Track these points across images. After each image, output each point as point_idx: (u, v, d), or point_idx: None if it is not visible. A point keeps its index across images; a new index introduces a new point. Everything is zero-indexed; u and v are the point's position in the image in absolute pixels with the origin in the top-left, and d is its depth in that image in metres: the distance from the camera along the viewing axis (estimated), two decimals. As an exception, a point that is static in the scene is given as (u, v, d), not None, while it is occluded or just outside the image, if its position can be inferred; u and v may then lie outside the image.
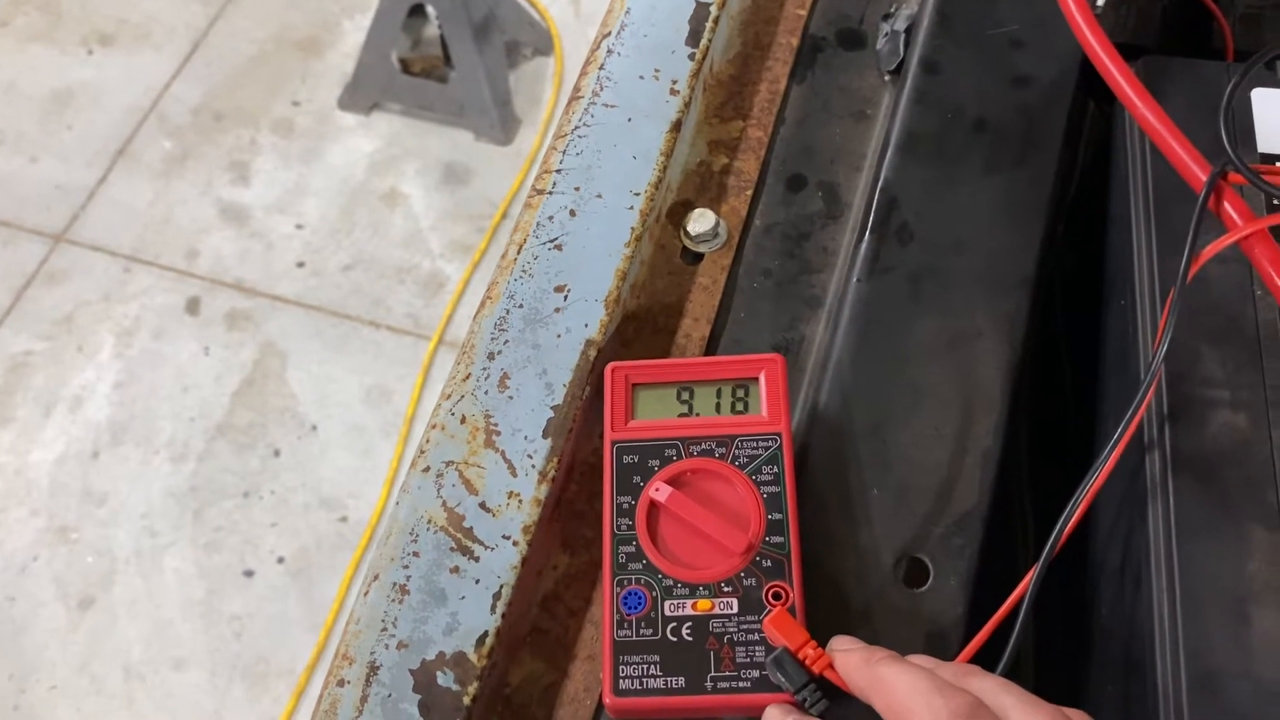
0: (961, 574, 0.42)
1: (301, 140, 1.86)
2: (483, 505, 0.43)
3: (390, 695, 0.39)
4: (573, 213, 0.49)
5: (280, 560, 1.49)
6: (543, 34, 1.97)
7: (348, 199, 1.80)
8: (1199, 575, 0.38)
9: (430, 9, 1.84)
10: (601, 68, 0.53)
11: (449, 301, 1.70)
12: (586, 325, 0.46)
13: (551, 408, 0.45)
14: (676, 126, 0.52)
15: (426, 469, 0.44)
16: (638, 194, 0.50)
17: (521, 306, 0.47)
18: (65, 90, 1.93)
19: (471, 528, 0.42)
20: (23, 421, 1.60)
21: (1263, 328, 0.43)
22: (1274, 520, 0.39)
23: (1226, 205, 0.40)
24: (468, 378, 0.45)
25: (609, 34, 0.55)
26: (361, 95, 1.88)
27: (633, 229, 0.49)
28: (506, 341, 0.46)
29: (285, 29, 1.99)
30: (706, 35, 0.54)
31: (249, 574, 1.47)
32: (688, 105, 0.53)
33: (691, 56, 0.54)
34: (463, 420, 0.44)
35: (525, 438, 0.44)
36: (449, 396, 0.45)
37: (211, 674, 1.40)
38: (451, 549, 0.42)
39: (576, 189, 0.50)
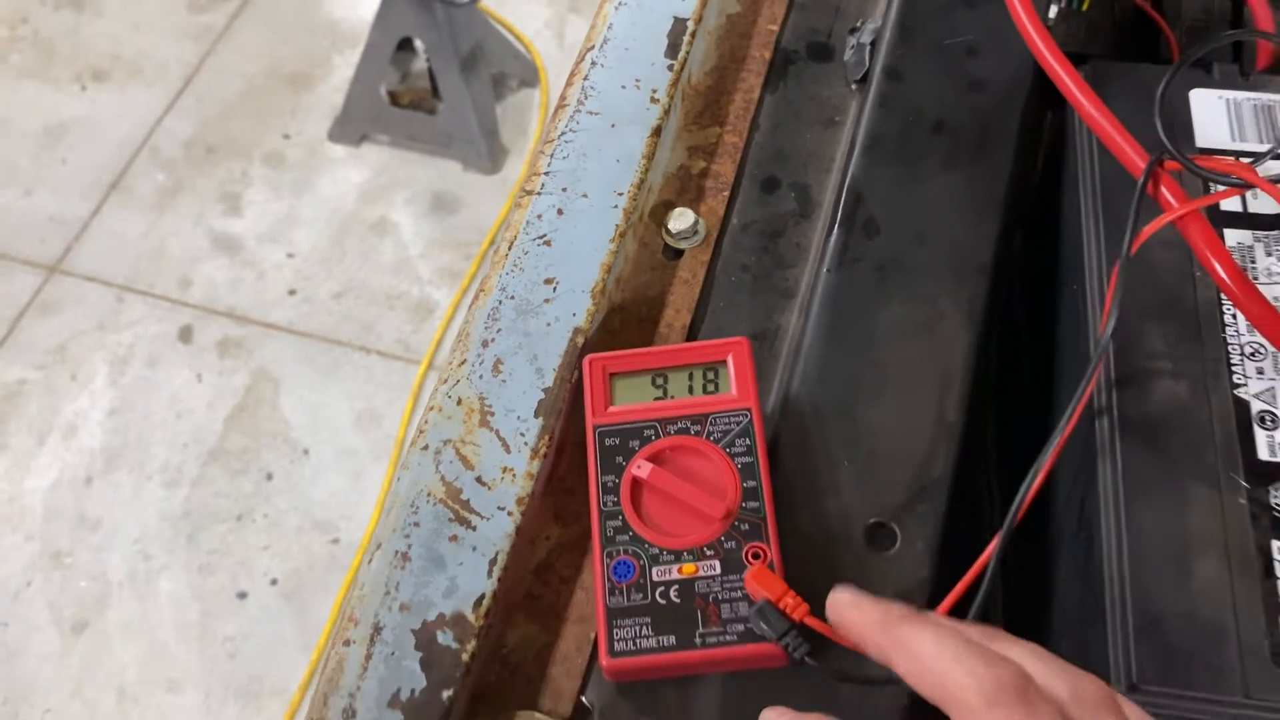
0: (927, 539, 0.45)
1: (292, 171, 1.90)
2: (479, 480, 0.45)
3: (393, 653, 0.42)
4: (560, 211, 0.52)
5: (273, 582, 1.50)
6: (528, 66, 2.01)
7: (338, 228, 1.84)
8: (1144, 529, 0.41)
9: (418, 43, 1.89)
10: (586, 78, 0.57)
11: (438, 326, 1.73)
12: (574, 314, 0.50)
13: (542, 390, 0.48)
14: (657, 132, 0.55)
15: (425, 447, 0.46)
16: (621, 194, 0.53)
17: (513, 298, 0.50)
18: (59, 125, 1.96)
19: (468, 500, 0.45)
20: (16, 449, 1.61)
21: (1201, 306, 0.46)
22: (1212, 479, 0.42)
23: (1163, 190, 0.43)
24: (463, 363, 0.48)
25: (593, 47, 0.58)
26: (351, 127, 1.92)
27: (617, 226, 0.52)
28: (499, 330, 0.49)
29: (276, 64, 2.03)
30: (684, 48, 0.58)
31: (242, 596, 1.49)
32: (667, 112, 0.56)
33: (670, 68, 0.57)
34: (459, 402, 0.47)
35: (518, 417, 0.47)
36: (445, 381, 0.48)
37: (205, 695, 1.42)
38: (450, 519, 0.44)
39: (564, 190, 0.53)
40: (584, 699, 0.43)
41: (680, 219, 0.54)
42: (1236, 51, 0.60)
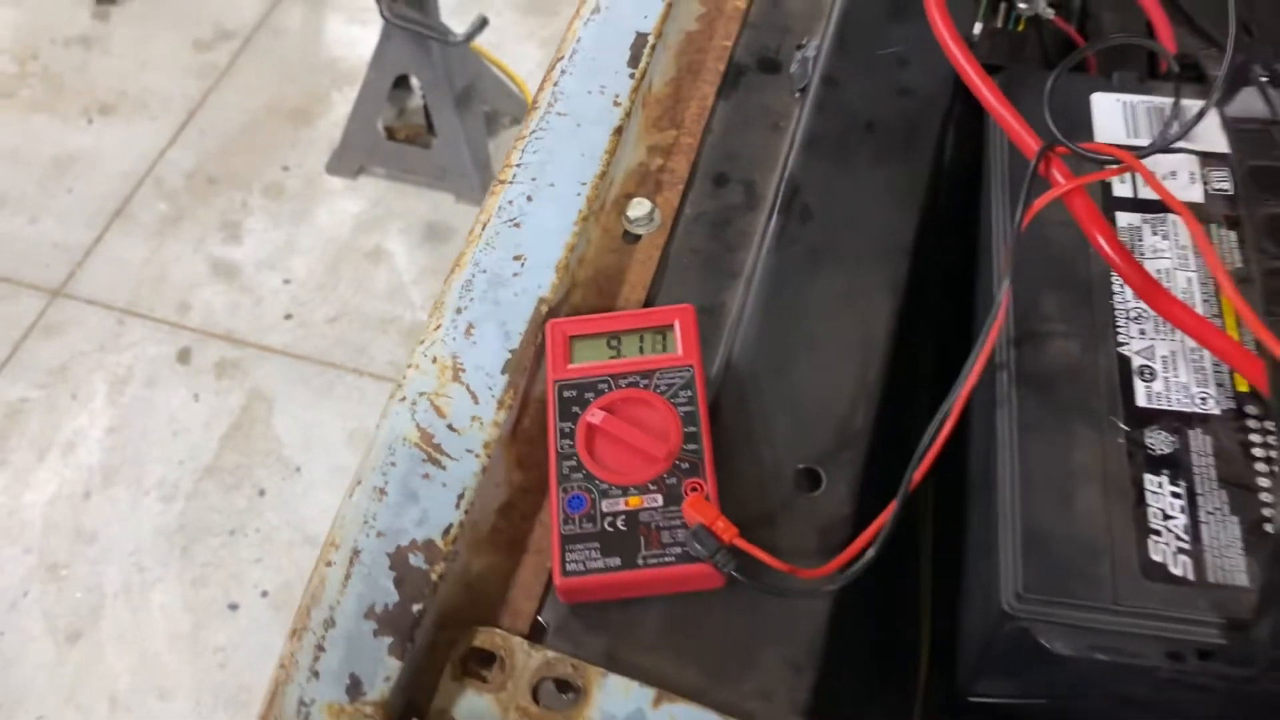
0: (849, 481, 0.51)
1: (291, 202, 1.97)
2: (450, 427, 0.51)
3: (370, 573, 0.47)
4: (530, 198, 0.59)
5: (264, 594, 1.55)
6: (520, 105, 2.09)
7: (334, 256, 1.90)
8: (1035, 465, 0.47)
9: (415, 81, 1.96)
10: (556, 84, 0.63)
11: (429, 350, 1.78)
12: (540, 286, 0.55)
13: (509, 351, 0.53)
14: (618, 131, 0.61)
15: (403, 399, 0.52)
16: (584, 184, 0.59)
17: (485, 272, 0.56)
18: (66, 156, 2.03)
19: (440, 444, 0.50)
20: (16, 465, 1.66)
21: (1094, 276, 0.52)
22: (1096, 422, 0.47)
23: (1054, 171, 0.50)
24: (438, 327, 0.54)
25: (563, 58, 0.65)
26: (349, 160, 1.99)
27: (580, 211, 0.58)
28: (472, 299, 0.55)
29: (277, 100, 2.11)
30: (645, 59, 0.64)
31: (234, 607, 1.53)
32: (628, 115, 0.62)
33: (632, 75, 0.64)
34: (434, 360, 0.53)
35: (486, 374, 0.53)
36: (422, 342, 0.54)
37: (196, 703, 1.45)
38: (423, 460, 0.50)
39: (533, 180, 0.59)
40: (539, 618, 0.49)
41: (637, 207, 0.60)
42: (1152, 63, 0.68)
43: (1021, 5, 0.70)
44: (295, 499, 1.63)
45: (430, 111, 1.92)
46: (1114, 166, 0.50)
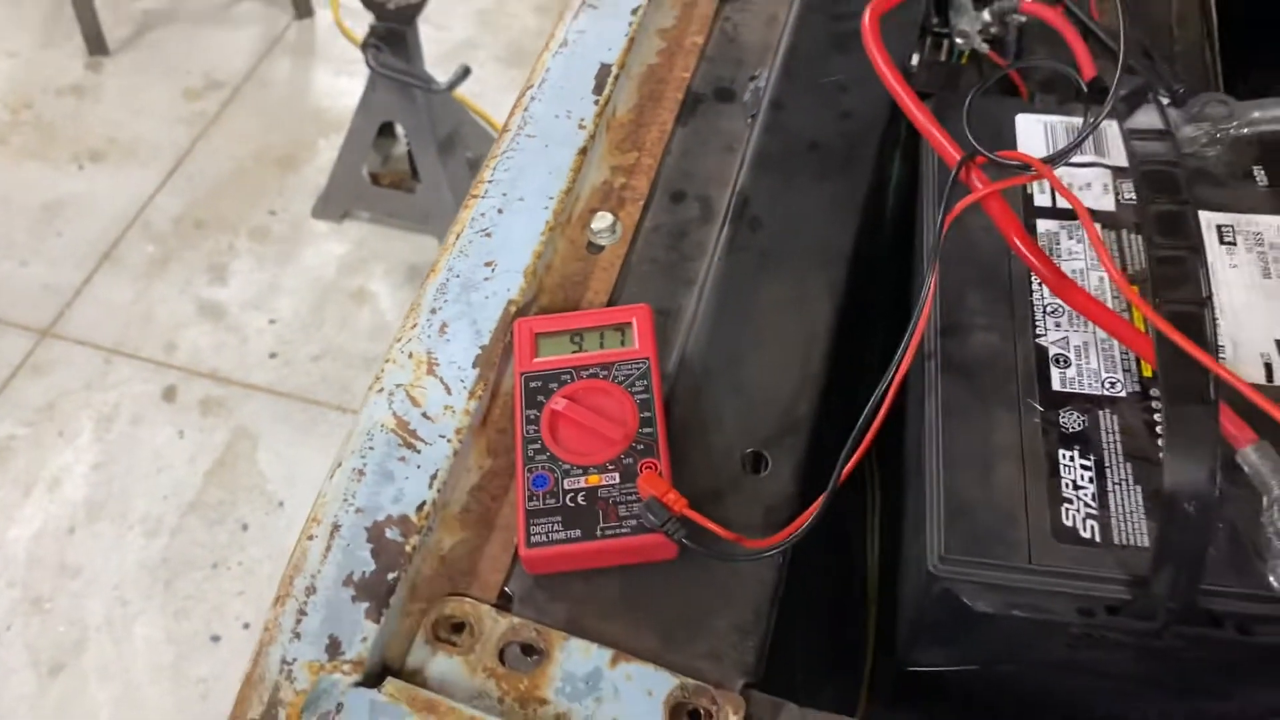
0: (793, 464, 0.55)
1: (277, 245, 2.02)
2: (424, 415, 0.55)
3: (349, 545, 0.51)
4: (500, 210, 0.63)
5: (246, 626, 1.57)
6: (501, 151, 2.15)
7: (319, 296, 1.94)
8: (958, 442, 0.51)
9: (399, 128, 2.02)
10: (525, 109, 0.68)
11: (411, 388, 1.82)
12: (509, 290, 0.60)
13: (480, 347, 0.58)
14: (583, 151, 0.66)
15: (381, 390, 0.56)
16: (551, 198, 0.64)
17: (459, 276, 0.60)
18: (56, 201, 2.08)
19: (415, 430, 0.54)
20: (1, 501, 1.68)
21: (1014, 275, 0.57)
22: (1014, 404, 0.52)
23: (973, 178, 0.55)
24: (414, 326, 0.59)
25: (532, 85, 0.70)
26: (334, 204, 2.05)
27: (547, 222, 0.63)
28: (446, 301, 0.59)
29: (264, 147, 2.17)
30: (609, 87, 0.70)
31: (216, 639, 1.55)
32: (593, 137, 0.67)
33: (596, 101, 0.69)
34: (410, 355, 0.57)
35: (458, 368, 0.57)
36: (399, 340, 0.58)
37: (177, 733, 1.47)
38: (399, 445, 0.54)
39: (503, 194, 0.64)
40: (506, 589, 0.52)
41: (600, 220, 0.65)
42: (1079, 87, 0.73)
43: (959, 41, 0.76)
44: (278, 533, 1.66)
45: (414, 157, 1.98)
46: (1026, 174, 0.55)
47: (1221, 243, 0.57)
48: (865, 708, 0.61)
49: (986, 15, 0.75)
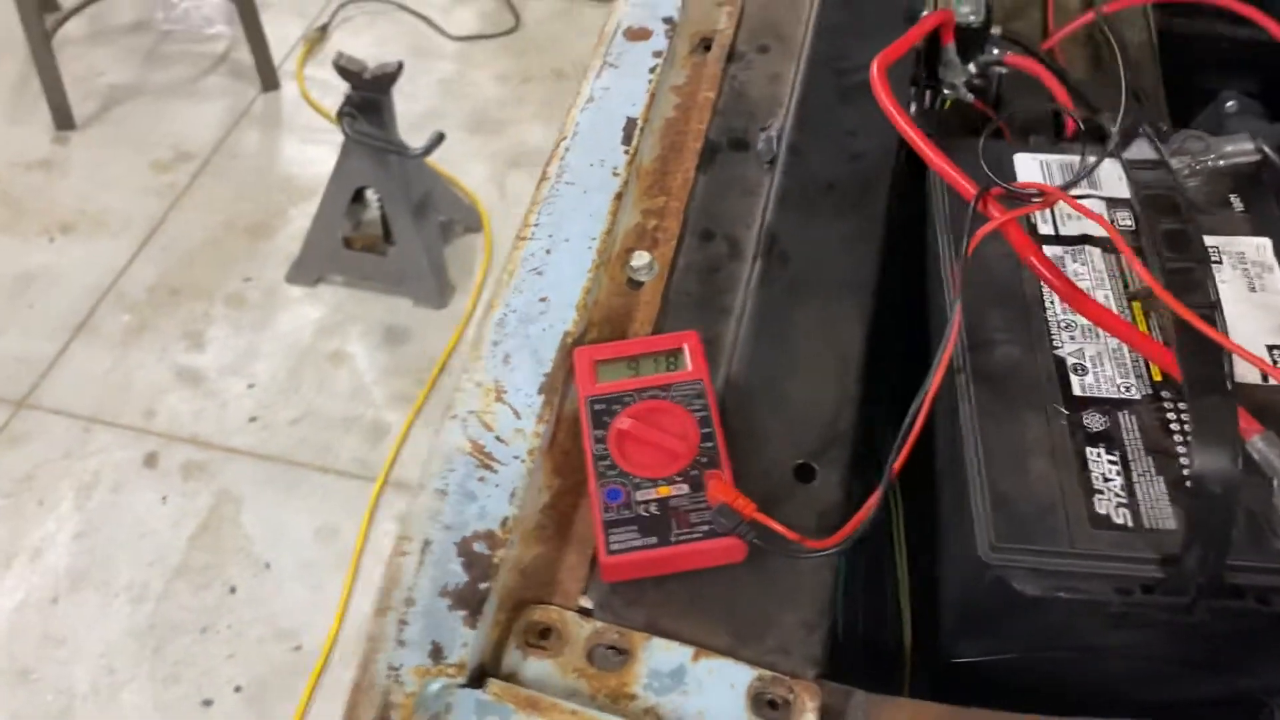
0: (840, 473, 0.60)
1: (253, 311, 2.03)
2: (497, 438, 0.59)
3: (440, 559, 0.54)
4: (548, 251, 0.68)
5: (238, 689, 1.56)
6: (472, 214, 2.21)
7: (296, 360, 1.96)
8: (995, 443, 0.56)
9: (370, 195, 2.06)
10: (561, 159, 0.73)
11: (393, 445, 1.84)
12: (564, 322, 0.64)
13: (543, 375, 0.62)
14: (618, 197, 0.71)
15: (455, 416, 0.60)
16: (593, 239, 0.69)
17: (515, 311, 0.65)
18: (27, 274, 2.08)
19: (491, 452, 0.58)
20: (-18, 573, 1.67)
21: (1028, 295, 0.63)
22: (1039, 410, 0.57)
23: (990, 208, 0.61)
24: (479, 359, 0.63)
25: (565, 138, 0.75)
26: (308, 269, 2.07)
27: (593, 260, 0.67)
28: (506, 334, 0.64)
29: (235, 216, 2.19)
30: (636, 138, 0.75)
31: (207, 703, 1.54)
32: (625, 183, 0.73)
33: (625, 151, 0.74)
34: (479, 384, 0.61)
35: (524, 395, 0.61)
36: (466, 371, 0.62)
37: (171, 800, 1.45)
38: (477, 465, 0.58)
39: (550, 236, 0.69)
40: (585, 597, 0.56)
41: (639, 258, 0.70)
42: (1059, 127, 0.81)
43: (946, 91, 0.83)
44: (266, 595, 1.66)
45: (389, 221, 2.02)
46: (1039, 200, 0.61)
47: (1210, 262, 0.64)
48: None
49: (972, 68, 0.82)
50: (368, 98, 1.90)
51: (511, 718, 0.49)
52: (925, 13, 0.79)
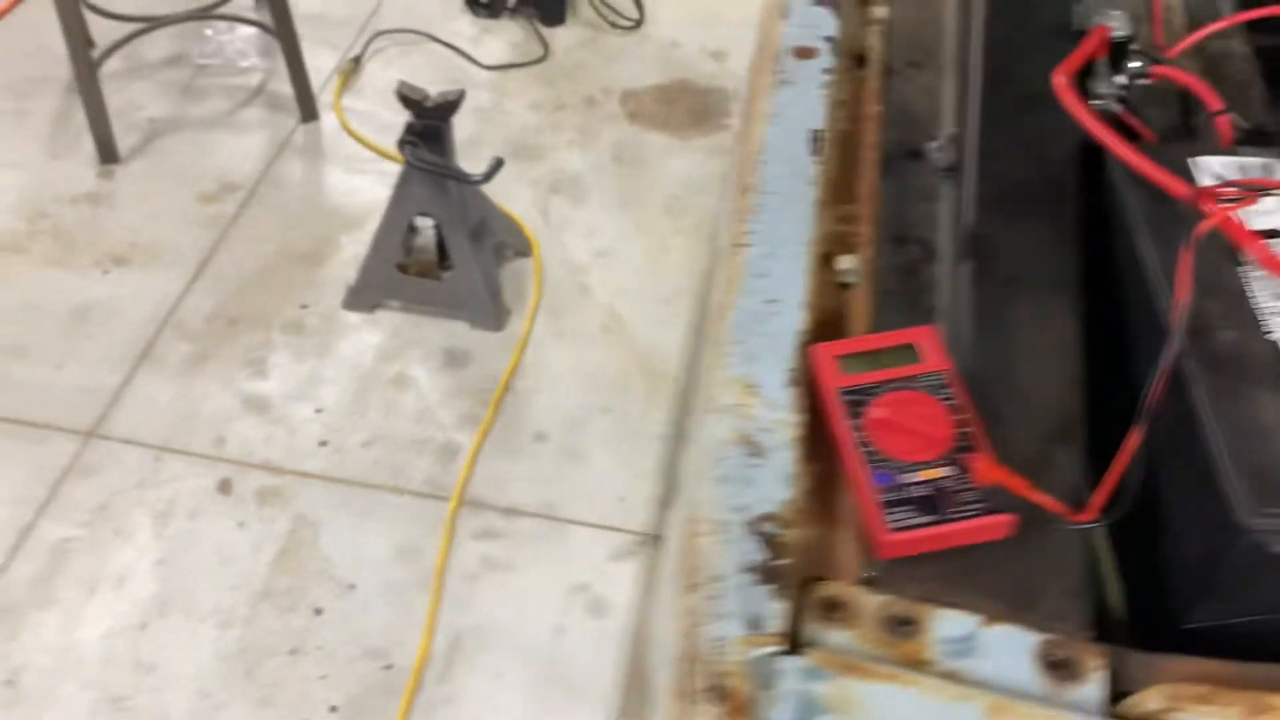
0: (1078, 453, 0.64)
1: (312, 337, 2.06)
2: (760, 429, 0.63)
3: (737, 540, 0.58)
4: (767, 256, 0.72)
5: (333, 709, 1.58)
6: (521, 238, 2.24)
7: (360, 384, 1.99)
8: (1236, 419, 0.61)
9: (419, 222, 2.09)
10: (759, 171, 0.78)
11: (464, 465, 1.87)
12: (794, 321, 0.68)
13: (787, 370, 0.66)
14: (817, 204, 0.76)
15: (714, 411, 0.64)
16: (803, 244, 0.73)
17: (748, 313, 0.69)
18: (84, 306, 2.09)
19: (758, 441, 0.62)
20: (67, 602, 1.67)
21: (1227, 285, 0.67)
22: (1267, 379, 0.62)
23: (1204, 205, 0.65)
24: (724, 356, 0.66)
25: (759, 150, 0.79)
26: (365, 296, 2.10)
27: (807, 263, 0.72)
28: (744, 334, 0.68)
29: (287, 245, 2.22)
30: (823, 149, 0.79)
31: (305, 724, 1.55)
32: (820, 191, 0.77)
33: (815, 162, 0.78)
34: (731, 382, 0.65)
35: (774, 389, 0.65)
36: (716, 370, 0.66)
37: (278, 821, 1.46)
38: (749, 454, 0.62)
39: (765, 242, 0.73)
40: (863, 574, 0.60)
41: (845, 262, 0.74)
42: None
43: (1094, 101, 0.88)
44: (352, 615, 1.68)
45: (447, 246, 2.05)
46: (1254, 192, 0.66)
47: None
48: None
49: (1121, 79, 0.87)
50: (430, 125, 1.93)
51: (836, 680, 0.53)
52: (1086, 27, 0.83)
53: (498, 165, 1.97)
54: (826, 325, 0.71)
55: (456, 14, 2.86)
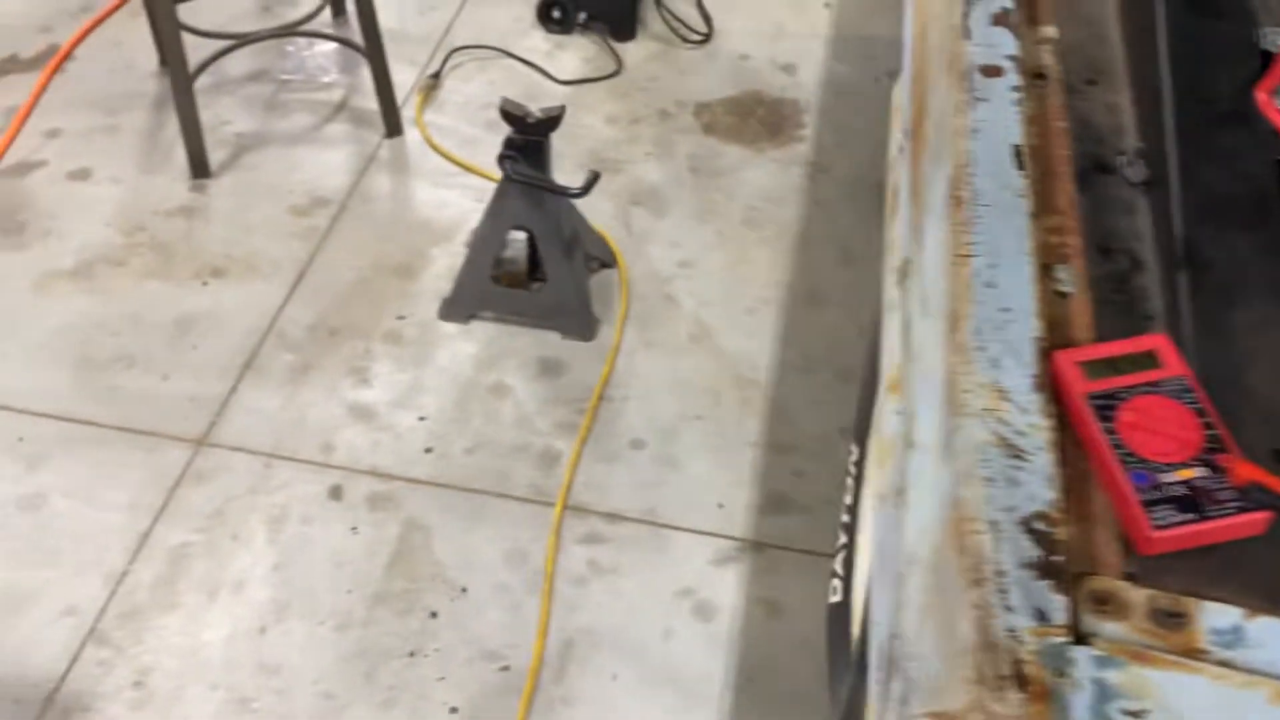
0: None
1: (411, 347, 2.10)
2: (1016, 432, 0.66)
3: (1012, 537, 0.61)
4: (993, 266, 0.75)
5: (453, 710, 1.61)
6: (607, 250, 2.28)
7: (460, 392, 2.03)
8: None
9: (514, 233, 2.12)
10: (969, 184, 0.81)
11: (565, 471, 1.90)
12: (1031, 329, 0.72)
13: (1031, 376, 0.69)
14: (1030, 215, 0.79)
15: (970, 414, 0.67)
16: (1024, 255, 0.76)
17: (986, 321, 0.72)
18: (186, 317, 2.14)
19: (1016, 444, 0.65)
20: (189, 606, 1.71)
21: None
22: None
23: None
24: (969, 363, 0.70)
25: (964, 165, 0.83)
26: (461, 307, 2.14)
27: (1032, 274, 0.75)
28: (987, 341, 0.71)
29: (381, 257, 2.26)
30: (1024, 162, 0.83)
31: (428, 725, 1.59)
32: (1029, 203, 0.80)
33: (1021, 175, 0.82)
34: (980, 386, 0.68)
35: (1023, 394, 0.68)
36: (962, 375, 0.69)
37: (409, 819, 1.49)
38: (1009, 456, 0.65)
39: (988, 253, 0.76)
40: (1125, 570, 0.63)
41: (1062, 272, 0.77)
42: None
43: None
44: (467, 618, 1.71)
45: (542, 258, 2.09)
46: None
47: None
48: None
49: (1298, 95, 0.90)
50: (531, 140, 1.97)
51: (1128, 668, 0.56)
52: (1275, 48, 0.87)
53: (595, 178, 2.01)
54: (1054, 332, 0.74)
55: (529, 30, 2.91)
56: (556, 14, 2.88)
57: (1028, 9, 0.98)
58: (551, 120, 1.96)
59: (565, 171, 2.31)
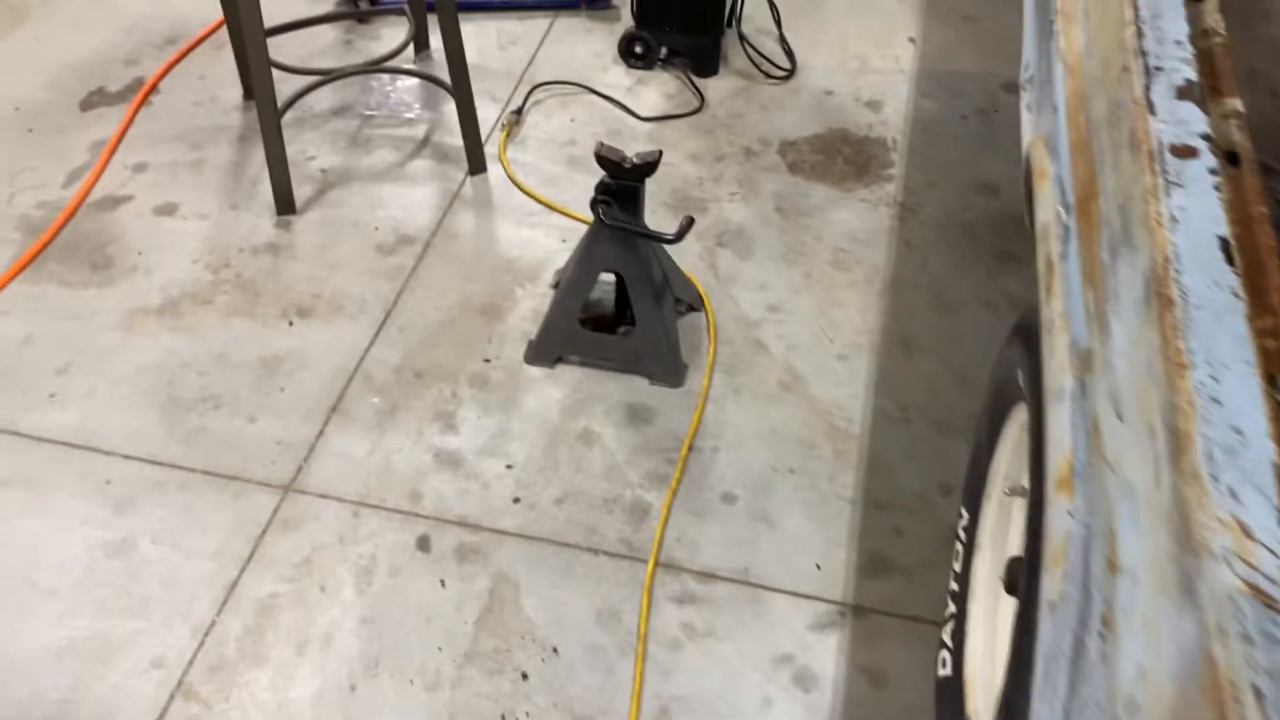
0: None
1: (497, 391, 2.06)
2: (1269, 579, 0.60)
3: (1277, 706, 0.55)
4: (1215, 379, 0.69)
5: (548, 778, 1.56)
6: (694, 294, 2.23)
7: (548, 439, 1.98)
8: None
9: (608, 276, 2.08)
10: (1176, 281, 0.75)
11: (656, 526, 1.85)
12: (1267, 454, 0.65)
13: (1275, 508, 0.63)
14: (1244, 318, 0.73)
15: (1213, 554, 0.61)
16: (1248, 364, 0.70)
17: (1216, 444, 0.66)
18: (273, 357, 2.12)
19: (1272, 594, 0.59)
20: (277, 660, 1.68)
21: None
22: None
23: None
24: (1205, 493, 0.63)
25: (1168, 260, 0.76)
26: (548, 351, 2.10)
27: (1259, 388, 0.68)
28: (1219, 468, 0.64)
29: (466, 298, 2.23)
30: (1236, 258, 0.76)
31: (523, 794, 1.53)
32: (1244, 304, 0.74)
33: (1232, 272, 0.75)
34: (1221, 522, 0.62)
35: (1270, 531, 0.62)
36: (1189, 505, 0.63)
37: None
38: (1265, 607, 0.58)
39: (1208, 365, 0.70)
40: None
41: (1287, 384, 0.71)
42: None
43: None
44: (558, 680, 1.66)
45: (632, 302, 2.05)
46: None
47: None
48: None
49: None
50: (626, 186, 1.93)
51: None
52: None
53: (689, 224, 1.97)
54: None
55: (610, 65, 2.88)
56: (639, 49, 2.84)
57: (1210, 79, 0.92)
58: (648, 166, 1.92)
59: (650, 209, 2.27)
